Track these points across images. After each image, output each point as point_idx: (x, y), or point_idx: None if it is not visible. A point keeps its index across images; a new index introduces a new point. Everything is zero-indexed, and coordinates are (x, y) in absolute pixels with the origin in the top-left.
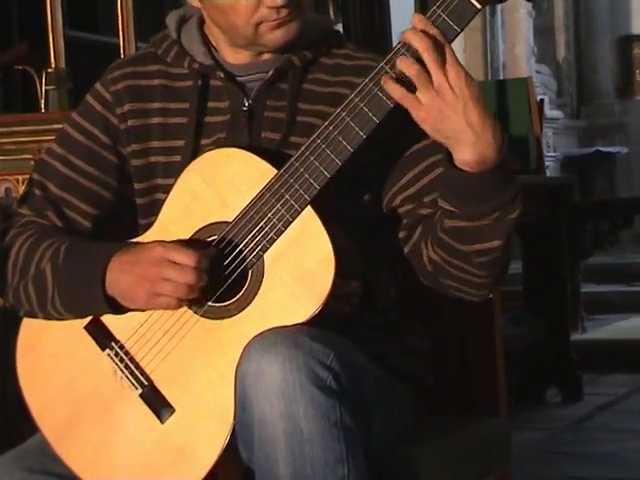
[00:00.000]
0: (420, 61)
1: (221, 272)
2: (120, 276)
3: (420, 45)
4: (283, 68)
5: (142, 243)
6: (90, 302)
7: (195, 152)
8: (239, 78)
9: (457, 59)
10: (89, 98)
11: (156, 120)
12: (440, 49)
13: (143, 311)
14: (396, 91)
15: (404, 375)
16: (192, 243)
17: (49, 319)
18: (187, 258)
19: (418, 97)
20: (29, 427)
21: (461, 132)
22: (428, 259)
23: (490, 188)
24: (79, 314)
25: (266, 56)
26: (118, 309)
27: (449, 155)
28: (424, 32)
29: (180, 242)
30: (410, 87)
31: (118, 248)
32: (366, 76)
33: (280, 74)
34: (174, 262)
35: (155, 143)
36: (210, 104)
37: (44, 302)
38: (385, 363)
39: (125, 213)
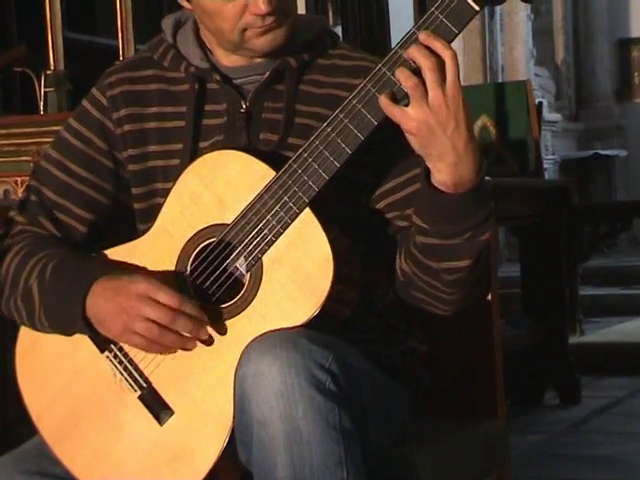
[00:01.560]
0: (418, 73)
1: (220, 274)
2: (100, 301)
3: (424, 63)
4: (279, 69)
5: (130, 273)
6: (70, 322)
7: (194, 155)
8: (235, 81)
9: (458, 78)
10: (85, 103)
11: (153, 124)
12: (442, 67)
13: None
14: (388, 105)
15: (402, 377)
16: (179, 279)
17: (39, 332)
18: (170, 299)
19: (411, 110)
20: (28, 429)
21: (445, 152)
22: (400, 270)
23: (464, 209)
24: (63, 332)
25: (261, 58)
26: (96, 331)
27: (427, 171)
28: (429, 49)
29: (169, 278)
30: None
31: (105, 271)
32: (362, 77)
33: (276, 75)
34: (156, 301)
35: (153, 147)
36: (207, 107)
37: (32, 317)
38: (384, 365)
39: (121, 218)
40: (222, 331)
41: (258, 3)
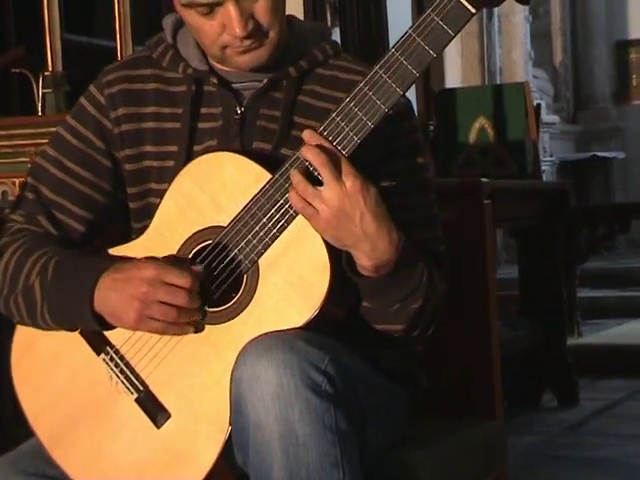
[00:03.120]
0: (310, 174)
1: (216, 277)
2: (110, 294)
3: (316, 160)
4: (278, 77)
5: (134, 260)
6: (78, 318)
7: (188, 158)
8: (233, 85)
9: (353, 169)
10: (83, 101)
11: (150, 124)
12: (336, 162)
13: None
14: (297, 203)
15: (400, 378)
16: (180, 262)
17: (40, 329)
18: (181, 280)
19: (317, 209)
20: (25, 430)
21: (359, 241)
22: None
23: (389, 286)
24: (68, 328)
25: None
26: (106, 325)
27: (349, 257)
28: (319, 147)
29: (171, 261)
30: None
31: (109, 264)
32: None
33: (274, 83)
34: (167, 283)
35: (149, 147)
36: (203, 110)
37: (34, 315)
38: (380, 366)
39: (119, 217)
40: (219, 334)
41: (233, 26)
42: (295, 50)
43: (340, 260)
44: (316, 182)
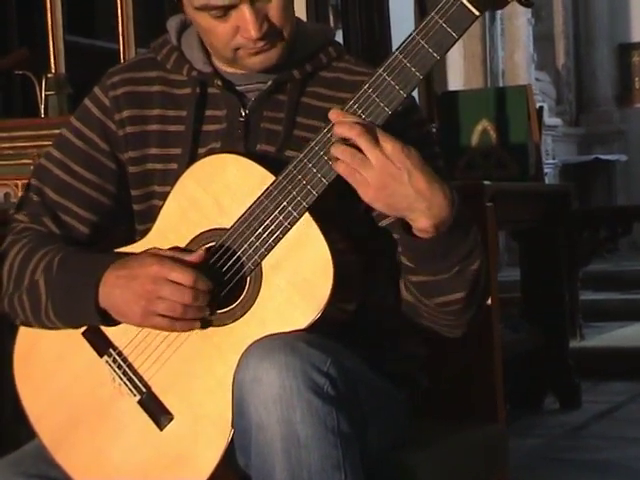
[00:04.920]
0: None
1: (219, 279)
2: (115, 290)
3: (351, 132)
4: (282, 80)
5: (138, 256)
6: (83, 314)
7: (192, 160)
8: (238, 87)
9: (389, 135)
10: (88, 102)
11: (154, 127)
12: (371, 130)
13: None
14: (349, 174)
15: (401, 381)
16: (186, 254)
17: (44, 328)
18: (185, 277)
19: (364, 178)
20: (26, 430)
21: (413, 202)
22: (404, 299)
23: (447, 246)
24: (73, 325)
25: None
26: (111, 321)
27: (404, 224)
28: (349, 122)
29: (176, 256)
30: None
31: (113, 260)
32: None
33: (278, 85)
34: (171, 280)
35: (153, 150)
36: (207, 112)
37: (38, 313)
38: (382, 368)
39: (123, 219)
40: (221, 336)
41: (248, 29)
42: (300, 52)
43: (341, 261)
44: None
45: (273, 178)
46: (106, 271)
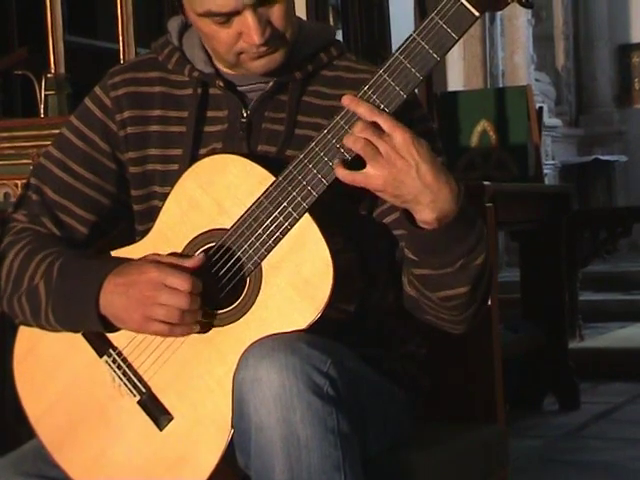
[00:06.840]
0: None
1: (219, 279)
2: (114, 298)
3: (372, 116)
4: (283, 80)
5: (136, 262)
6: (83, 321)
7: (193, 161)
8: (239, 88)
9: (400, 125)
10: (88, 102)
11: (155, 128)
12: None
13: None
14: (348, 175)
15: (401, 381)
16: (185, 259)
17: (44, 330)
18: (181, 282)
19: (370, 169)
20: (26, 430)
21: (419, 194)
22: (406, 294)
23: (451, 240)
24: (73, 330)
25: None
26: (112, 327)
27: (408, 213)
28: (368, 105)
29: (174, 262)
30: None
31: (112, 267)
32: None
33: (280, 86)
34: (169, 286)
35: (153, 151)
36: (209, 113)
37: (38, 316)
38: (382, 368)
39: (123, 219)
40: (221, 336)
41: (251, 34)
42: (302, 52)
43: (341, 262)
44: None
45: (273, 179)
46: (106, 278)
